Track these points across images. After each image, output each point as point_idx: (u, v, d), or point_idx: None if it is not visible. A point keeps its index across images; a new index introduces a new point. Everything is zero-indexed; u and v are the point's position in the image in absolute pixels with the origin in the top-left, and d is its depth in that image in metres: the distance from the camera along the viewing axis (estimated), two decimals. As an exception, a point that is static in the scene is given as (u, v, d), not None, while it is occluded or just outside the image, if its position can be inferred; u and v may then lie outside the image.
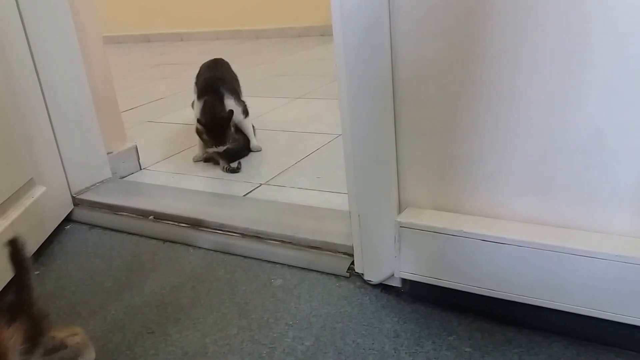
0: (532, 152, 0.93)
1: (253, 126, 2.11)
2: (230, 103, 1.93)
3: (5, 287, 1.17)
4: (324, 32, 4.46)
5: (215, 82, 1.97)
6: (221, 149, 1.85)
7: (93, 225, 1.59)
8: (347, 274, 1.22)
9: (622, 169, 0.87)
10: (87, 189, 1.72)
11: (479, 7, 0.89)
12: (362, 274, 1.19)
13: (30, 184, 1.47)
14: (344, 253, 1.26)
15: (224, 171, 1.86)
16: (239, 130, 2.03)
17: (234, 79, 2.11)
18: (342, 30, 1.00)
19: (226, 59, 2.22)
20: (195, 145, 2.03)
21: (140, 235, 1.50)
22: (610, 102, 0.85)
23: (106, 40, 1.88)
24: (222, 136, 1.84)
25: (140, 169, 1.94)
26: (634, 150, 0.86)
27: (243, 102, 2.03)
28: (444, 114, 0.98)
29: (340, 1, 0.98)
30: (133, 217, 1.57)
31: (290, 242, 1.34)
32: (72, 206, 1.66)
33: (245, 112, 2.01)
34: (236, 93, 2.01)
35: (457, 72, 0.94)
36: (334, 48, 1.04)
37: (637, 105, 0.83)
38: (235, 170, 1.85)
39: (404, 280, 1.12)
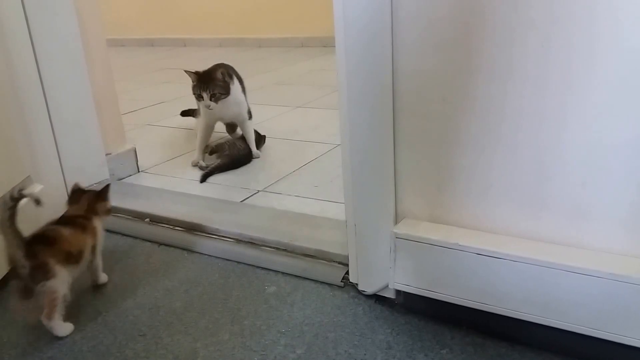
0: (529, 168, 0.94)
1: (264, 136, 2.12)
2: (237, 85, 1.95)
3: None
4: (327, 43, 4.48)
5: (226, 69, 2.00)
6: (206, 97, 1.86)
7: (88, 226, 1.58)
8: (342, 284, 1.22)
9: (618, 186, 0.88)
10: (84, 189, 1.71)
11: (480, 21, 0.90)
12: (357, 284, 1.19)
13: (27, 182, 1.47)
14: (339, 262, 1.26)
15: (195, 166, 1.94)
16: (243, 139, 2.03)
17: (241, 79, 2.12)
18: (344, 41, 1.00)
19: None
20: (194, 150, 2.03)
21: (135, 238, 1.50)
22: (608, 118, 0.85)
23: (110, 43, 1.88)
24: (208, 82, 1.86)
25: (138, 172, 1.93)
26: (630, 167, 0.86)
27: (248, 104, 2.04)
28: (443, 126, 0.99)
29: (343, 13, 0.98)
30: (129, 219, 1.57)
31: (285, 250, 1.34)
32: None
33: (249, 114, 2.03)
34: (242, 87, 2.04)
35: (458, 85, 0.95)
36: (335, 58, 1.04)
37: (635, 122, 0.84)
38: (204, 169, 1.90)
39: (398, 292, 1.12)
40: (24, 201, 1.06)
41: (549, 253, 0.93)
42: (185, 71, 1.91)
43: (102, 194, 1.29)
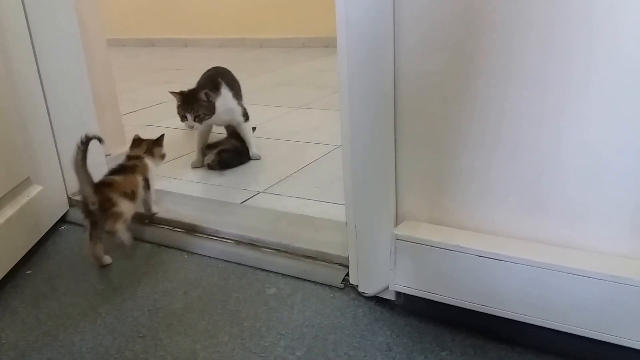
0: (530, 169, 0.93)
1: (254, 128, 2.11)
2: (227, 94, 1.92)
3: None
4: (328, 44, 4.47)
5: (215, 77, 1.98)
6: (190, 118, 1.84)
7: (88, 227, 1.58)
8: (342, 285, 1.22)
9: (619, 189, 0.87)
10: (84, 190, 1.71)
11: (480, 23, 0.89)
12: (357, 286, 1.18)
13: (26, 183, 1.47)
14: (339, 264, 1.25)
15: (207, 168, 1.94)
16: (238, 136, 2.02)
17: (235, 82, 2.11)
18: (347, 42, 1.00)
19: (229, 66, 2.22)
20: (193, 151, 2.03)
21: (135, 239, 1.49)
22: (609, 119, 0.85)
23: (110, 43, 1.88)
24: (193, 103, 1.83)
25: (138, 172, 1.93)
26: (632, 169, 0.85)
27: (243, 107, 2.03)
28: (444, 127, 0.98)
29: (345, 14, 0.98)
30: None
31: (285, 251, 1.34)
32: (68, 207, 1.66)
33: (245, 116, 2.01)
34: (235, 92, 2.01)
35: (458, 87, 0.95)
36: (337, 59, 1.04)
37: (637, 122, 0.83)
38: (212, 166, 1.90)
39: (398, 294, 1.11)
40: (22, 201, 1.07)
41: (550, 255, 0.92)
42: (170, 92, 1.89)
43: (158, 140, 1.59)
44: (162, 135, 1.61)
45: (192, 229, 1.48)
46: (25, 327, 1.16)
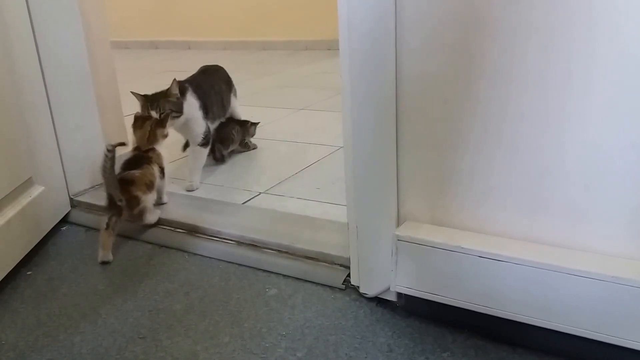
0: (531, 170, 0.93)
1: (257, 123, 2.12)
2: (193, 102, 1.80)
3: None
4: (331, 46, 4.48)
5: (183, 83, 1.86)
6: (155, 116, 1.67)
7: (89, 228, 1.58)
8: (343, 286, 1.21)
9: (621, 189, 0.87)
10: (85, 190, 1.71)
11: (482, 25, 0.89)
12: (358, 287, 1.18)
13: (28, 183, 1.47)
14: (341, 265, 1.25)
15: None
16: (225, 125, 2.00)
17: (211, 93, 1.95)
18: (349, 44, 1.00)
19: (232, 68, 2.21)
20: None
21: (136, 240, 1.49)
22: (610, 120, 0.85)
23: (114, 45, 1.88)
24: (159, 99, 1.70)
25: (140, 174, 1.92)
26: (634, 170, 0.85)
27: (208, 127, 1.86)
28: (445, 128, 0.98)
29: (347, 16, 0.98)
30: (129, 221, 1.56)
31: (286, 252, 1.33)
32: (70, 207, 1.66)
33: (205, 140, 1.84)
34: (204, 104, 1.86)
35: (460, 88, 0.94)
36: (339, 61, 1.04)
37: (637, 125, 0.83)
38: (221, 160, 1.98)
39: (399, 295, 1.11)
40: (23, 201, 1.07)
41: (551, 256, 0.92)
42: (132, 92, 1.71)
43: (162, 121, 1.61)
44: (167, 115, 1.64)
45: (193, 230, 1.48)
46: (26, 327, 1.16)
